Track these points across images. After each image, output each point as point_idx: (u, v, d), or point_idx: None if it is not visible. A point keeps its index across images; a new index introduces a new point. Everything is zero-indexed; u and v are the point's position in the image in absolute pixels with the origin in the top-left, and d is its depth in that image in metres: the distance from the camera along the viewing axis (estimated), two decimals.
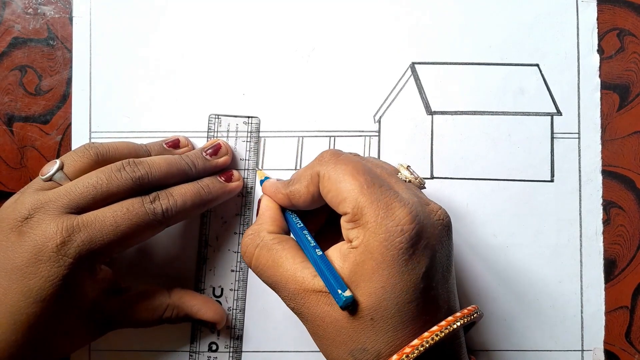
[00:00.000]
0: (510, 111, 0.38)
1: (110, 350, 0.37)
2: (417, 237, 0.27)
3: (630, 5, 0.38)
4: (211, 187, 0.34)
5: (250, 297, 0.37)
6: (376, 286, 0.26)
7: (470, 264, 0.37)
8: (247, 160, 0.37)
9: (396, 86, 0.38)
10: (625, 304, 0.37)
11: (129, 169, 0.31)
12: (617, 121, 0.38)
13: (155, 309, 0.34)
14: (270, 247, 0.30)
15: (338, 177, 0.28)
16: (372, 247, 0.26)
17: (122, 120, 0.37)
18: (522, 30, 0.38)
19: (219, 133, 0.37)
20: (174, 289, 0.35)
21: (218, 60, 0.38)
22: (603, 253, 0.37)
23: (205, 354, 0.36)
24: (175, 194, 0.32)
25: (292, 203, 0.32)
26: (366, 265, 0.27)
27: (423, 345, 0.26)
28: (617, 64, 0.38)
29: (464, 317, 0.28)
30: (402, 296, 0.26)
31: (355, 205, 0.27)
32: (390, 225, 0.26)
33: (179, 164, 0.33)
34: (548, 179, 0.37)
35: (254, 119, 0.37)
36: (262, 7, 0.38)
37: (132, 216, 0.30)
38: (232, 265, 0.37)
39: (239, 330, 0.37)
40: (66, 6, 0.38)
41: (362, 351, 0.27)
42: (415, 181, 0.30)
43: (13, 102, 0.38)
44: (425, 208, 0.28)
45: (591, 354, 0.37)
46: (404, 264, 0.26)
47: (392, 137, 0.38)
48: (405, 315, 0.26)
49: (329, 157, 0.30)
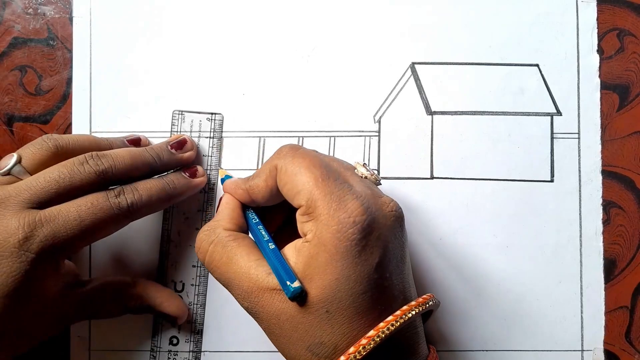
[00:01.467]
0: (510, 111, 0.38)
1: (111, 350, 0.37)
2: (369, 229, 0.27)
3: (630, 5, 0.38)
4: (176, 182, 0.34)
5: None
6: (330, 278, 0.26)
7: (470, 264, 0.37)
8: (209, 157, 0.37)
9: (396, 86, 0.38)
10: (625, 304, 0.37)
11: (92, 162, 0.31)
12: (617, 121, 0.38)
13: (119, 300, 0.34)
14: (225, 243, 0.30)
15: (294, 170, 0.28)
16: (325, 239, 0.27)
17: (122, 120, 0.37)
18: (522, 30, 0.38)
19: (183, 129, 0.37)
20: (139, 279, 0.35)
21: (218, 60, 0.38)
22: (603, 253, 0.37)
23: (166, 347, 0.37)
24: (140, 189, 0.32)
25: (251, 198, 0.32)
26: (319, 257, 0.27)
27: (379, 336, 0.26)
28: (617, 64, 0.38)
29: (419, 305, 0.28)
30: (357, 287, 0.26)
31: (309, 198, 0.27)
32: (343, 217, 0.27)
33: (144, 157, 0.33)
34: (548, 179, 0.38)
35: (217, 115, 0.37)
36: (262, 7, 0.38)
37: (96, 210, 0.30)
38: (194, 261, 0.37)
39: (200, 325, 0.37)
40: (66, 6, 0.38)
41: (319, 345, 0.27)
42: (371, 177, 0.31)
43: (13, 102, 0.38)
44: (378, 200, 0.28)
45: (591, 354, 0.37)
46: (357, 255, 0.26)
47: (392, 137, 0.38)
48: (360, 306, 0.27)
49: (287, 151, 0.30)
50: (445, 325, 0.37)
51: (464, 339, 0.37)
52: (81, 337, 0.37)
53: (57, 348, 0.37)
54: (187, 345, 0.37)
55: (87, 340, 0.37)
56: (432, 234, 0.37)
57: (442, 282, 0.37)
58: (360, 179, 0.30)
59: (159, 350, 0.36)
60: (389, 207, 0.28)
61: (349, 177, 0.29)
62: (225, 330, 0.37)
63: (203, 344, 0.37)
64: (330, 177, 0.28)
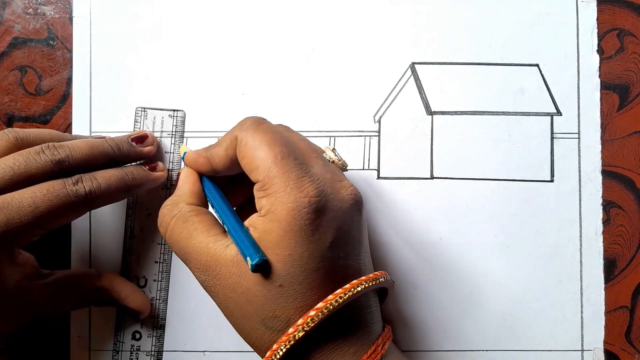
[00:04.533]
0: (510, 111, 0.38)
1: (111, 350, 0.37)
2: (324, 209, 0.27)
3: (630, 5, 0.38)
4: (135, 173, 0.34)
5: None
6: (284, 253, 0.27)
7: (470, 264, 0.37)
8: (171, 153, 0.37)
9: (396, 86, 0.38)
10: (625, 304, 0.37)
11: (49, 152, 0.31)
12: (617, 121, 0.38)
13: (83, 291, 0.34)
14: (186, 218, 0.30)
15: (255, 144, 0.29)
16: (280, 215, 0.27)
17: (122, 120, 0.37)
18: (522, 30, 0.38)
19: (146, 126, 0.37)
20: (104, 272, 0.35)
21: (218, 60, 0.38)
22: (603, 253, 0.37)
23: (129, 343, 0.37)
24: (99, 177, 0.32)
25: (212, 167, 0.32)
26: (273, 233, 0.27)
27: (327, 308, 0.27)
28: (617, 64, 0.38)
29: (369, 280, 0.28)
30: (309, 264, 0.27)
31: (267, 175, 0.28)
32: (299, 196, 0.27)
33: (102, 147, 0.33)
34: (548, 179, 0.38)
35: (179, 112, 0.37)
36: (262, 7, 0.38)
37: (52, 197, 0.30)
38: (156, 257, 0.37)
39: (162, 320, 0.37)
40: (66, 6, 0.38)
41: (273, 319, 0.27)
42: (338, 162, 0.31)
43: (13, 102, 0.38)
44: (337, 184, 0.29)
45: (591, 354, 0.37)
46: (311, 234, 0.27)
47: (392, 137, 0.38)
48: (313, 282, 0.27)
49: (249, 124, 0.30)
50: (445, 324, 0.37)
51: (464, 338, 0.37)
52: (81, 337, 0.37)
53: (57, 348, 0.37)
54: (149, 340, 0.37)
55: (87, 340, 0.37)
56: (432, 234, 0.37)
57: (442, 282, 0.37)
58: (325, 162, 0.30)
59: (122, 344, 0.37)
60: (347, 190, 0.29)
61: (312, 159, 0.29)
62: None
63: (165, 339, 0.37)
64: (290, 155, 0.28)
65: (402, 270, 0.37)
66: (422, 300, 0.37)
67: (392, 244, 0.37)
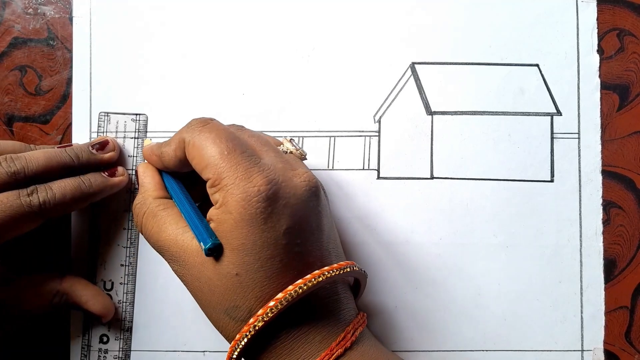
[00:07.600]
0: (510, 111, 0.38)
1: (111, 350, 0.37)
2: (275, 197, 0.28)
3: (630, 5, 0.38)
4: (92, 181, 0.34)
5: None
6: (237, 243, 0.28)
7: (470, 264, 0.37)
8: (134, 157, 0.37)
9: (396, 86, 0.38)
10: (625, 304, 0.37)
11: (5, 164, 0.31)
12: (617, 121, 0.38)
13: (44, 294, 0.34)
14: (155, 213, 0.31)
15: (201, 144, 0.29)
16: (231, 206, 0.28)
17: (122, 121, 0.37)
18: (522, 30, 0.38)
19: (109, 131, 0.37)
20: (66, 275, 0.35)
21: (218, 60, 0.38)
22: (603, 253, 0.37)
23: (96, 346, 0.37)
24: (54, 188, 0.32)
25: (164, 164, 0.33)
26: (226, 223, 0.28)
27: (286, 299, 0.27)
28: (617, 64, 0.38)
29: (332, 270, 0.28)
30: (264, 252, 0.27)
31: (216, 171, 0.28)
32: (248, 186, 0.27)
33: (60, 157, 0.33)
34: (548, 179, 0.38)
35: (142, 116, 0.37)
36: (262, 7, 0.38)
37: (5, 208, 0.30)
38: (122, 260, 0.37)
39: (129, 323, 0.37)
40: (66, 6, 0.38)
41: (235, 309, 0.28)
42: (296, 152, 0.32)
43: (13, 102, 0.38)
44: (289, 172, 0.29)
45: (591, 354, 0.37)
46: (263, 222, 0.27)
47: (392, 137, 0.38)
48: (270, 270, 0.28)
49: (195, 124, 0.30)
50: (446, 325, 0.37)
51: (464, 338, 0.37)
52: (81, 337, 0.37)
53: (57, 348, 0.37)
54: (117, 343, 0.37)
55: (87, 339, 0.37)
56: (432, 234, 0.37)
57: (442, 281, 0.37)
58: (279, 153, 0.31)
59: (90, 347, 0.37)
60: (301, 177, 0.29)
61: (262, 152, 0.30)
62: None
63: (133, 342, 0.37)
64: (236, 150, 0.29)
65: (402, 270, 0.37)
66: (422, 300, 0.37)
67: (392, 244, 0.37)
